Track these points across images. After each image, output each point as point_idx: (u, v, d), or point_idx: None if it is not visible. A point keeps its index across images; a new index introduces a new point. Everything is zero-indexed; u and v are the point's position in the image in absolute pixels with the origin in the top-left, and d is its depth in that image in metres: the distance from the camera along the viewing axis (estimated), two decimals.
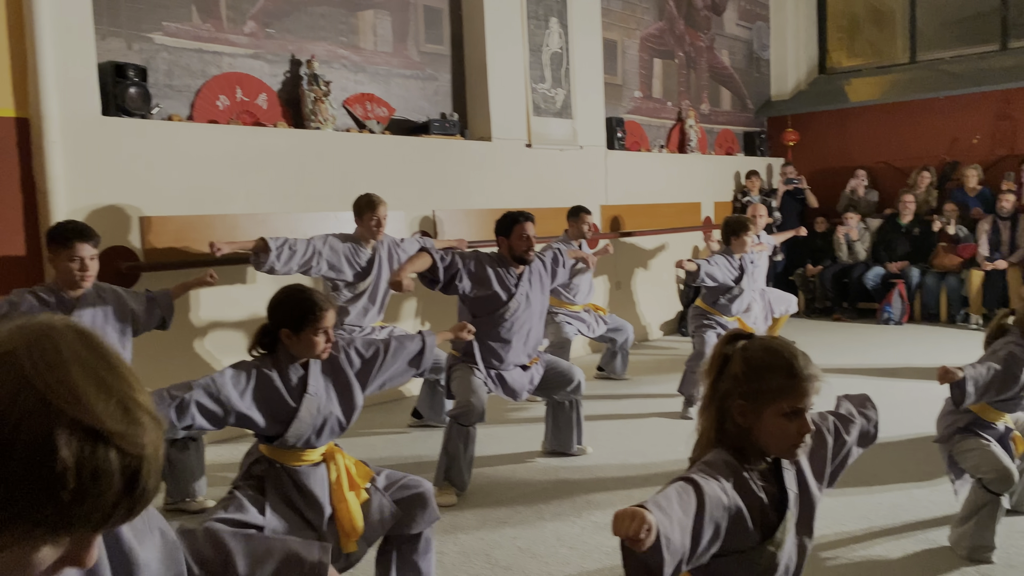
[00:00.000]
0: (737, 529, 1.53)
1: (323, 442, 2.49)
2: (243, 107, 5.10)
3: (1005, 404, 2.95)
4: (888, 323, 8.07)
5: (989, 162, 8.59)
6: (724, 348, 1.67)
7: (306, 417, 2.41)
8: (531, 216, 3.92)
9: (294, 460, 2.45)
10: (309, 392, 2.43)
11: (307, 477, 2.44)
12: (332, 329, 2.44)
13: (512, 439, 4.56)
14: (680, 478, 1.50)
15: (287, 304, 2.41)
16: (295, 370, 2.46)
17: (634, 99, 8.20)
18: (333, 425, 2.49)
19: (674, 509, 1.39)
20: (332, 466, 2.49)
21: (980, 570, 2.78)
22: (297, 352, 2.44)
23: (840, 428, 1.87)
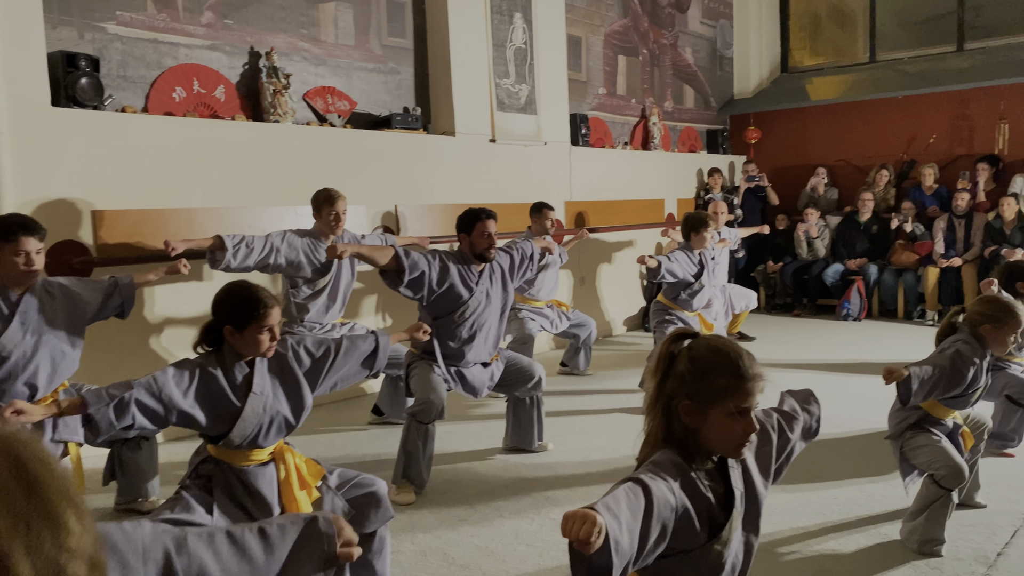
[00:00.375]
0: (684, 529, 1.52)
1: (271, 441, 2.45)
2: (200, 99, 5.00)
3: (954, 401, 3.00)
4: (847, 319, 8.19)
5: (946, 161, 8.75)
6: (670, 347, 1.67)
7: (251, 416, 2.37)
8: (493, 214, 3.89)
9: (242, 460, 2.41)
10: (254, 391, 2.39)
11: (255, 477, 2.41)
12: (278, 327, 2.40)
13: (473, 436, 4.54)
14: (628, 479, 1.49)
15: (230, 301, 2.37)
16: (240, 368, 2.41)
17: (598, 96, 8.21)
18: (280, 424, 2.45)
19: (623, 511, 1.38)
20: (281, 465, 2.45)
21: (930, 563, 2.83)
22: (241, 350, 2.40)
23: (784, 425, 1.88)
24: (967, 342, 2.98)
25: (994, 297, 3.11)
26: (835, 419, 4.59)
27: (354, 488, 2.54)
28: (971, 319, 3.05)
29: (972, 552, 2.90)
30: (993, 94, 8.45)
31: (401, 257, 3.62)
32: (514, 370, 4.10)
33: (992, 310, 3.00)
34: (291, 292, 4.40)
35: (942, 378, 2.86)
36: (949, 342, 3.02)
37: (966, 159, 8.59)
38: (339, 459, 4.18)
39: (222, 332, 2.40)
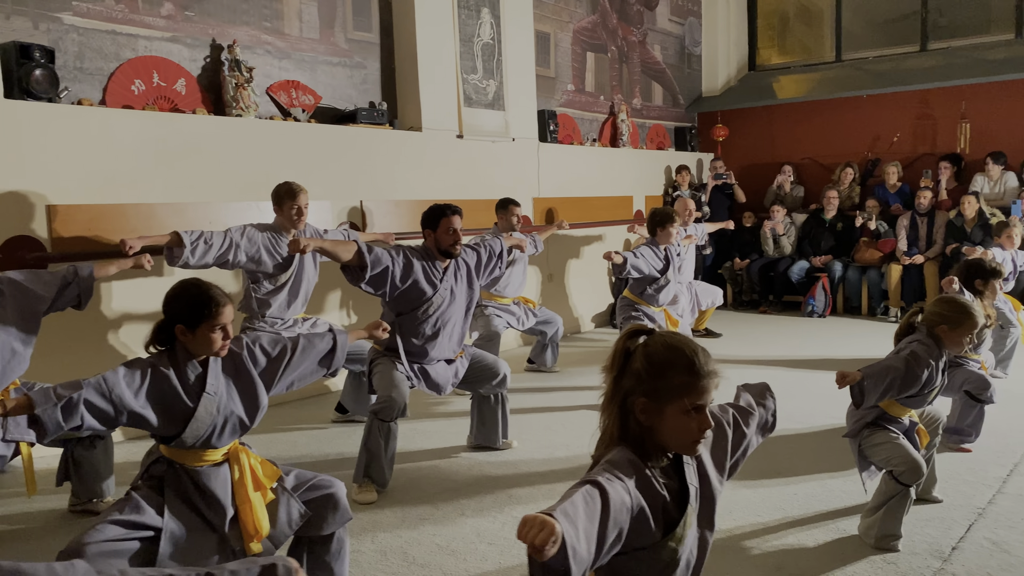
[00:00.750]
0: (639, 528, 1.52)
1: (225, 442, 2.41)
2: (160, 92, 4.91)
3: (910, 401, 3.03)
4: (812, 315, 8.27)
5: (909, 160, 8.87)
6: (625, 344, 1.66)
7: (204, 417, 2.33)
8: (458, 209, 3.86)
9: (195, 460, 2.37)
10: (208, 391, 2.35)
11: (208, 477, 2.36)
12: (231, 326, 2.36)
13: (437, 434, 4.51)
14: (585, 481, 1.47)
15: (182, 299, 2.33)
16: (193, 368, 2.37)
17: (567, 92, 8.20)
18: (235, 425, 2.41)
19: (580, 517, 1.36)
20: (235, 466, 2.41)
21: (886, 558, 2.85)
22: (194, 349, 2.36)
23: (740, 421, 1.88)
24: (923, 343, 3.02)
25: (951, 298, 3.14)
26: (798, 415, 4.64)
27: (311, 490, 2.50)
28: (928, 319, 3.08)
29: (928, 546, 2.93)
30: (955, 94, 8.58)
31: (364, 252, 3.57)
32: (479, 367, 4.08)
33: (949, 311, 3.04)
34: (252, 288, 4.34)
35: (896, 380, 2.89)
36: (906, 343, 3.06)
37: (929, 158, 8.71)
38: (301, 458, 4.14)
39: (174, 331, 2.35)
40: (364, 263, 3.57)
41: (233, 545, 2.35)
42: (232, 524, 2.38)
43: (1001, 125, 8.36)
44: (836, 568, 2.79)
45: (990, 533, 3.03)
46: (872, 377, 2.87)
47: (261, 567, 1.43)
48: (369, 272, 3.58)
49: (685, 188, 8.92)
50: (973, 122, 8.47)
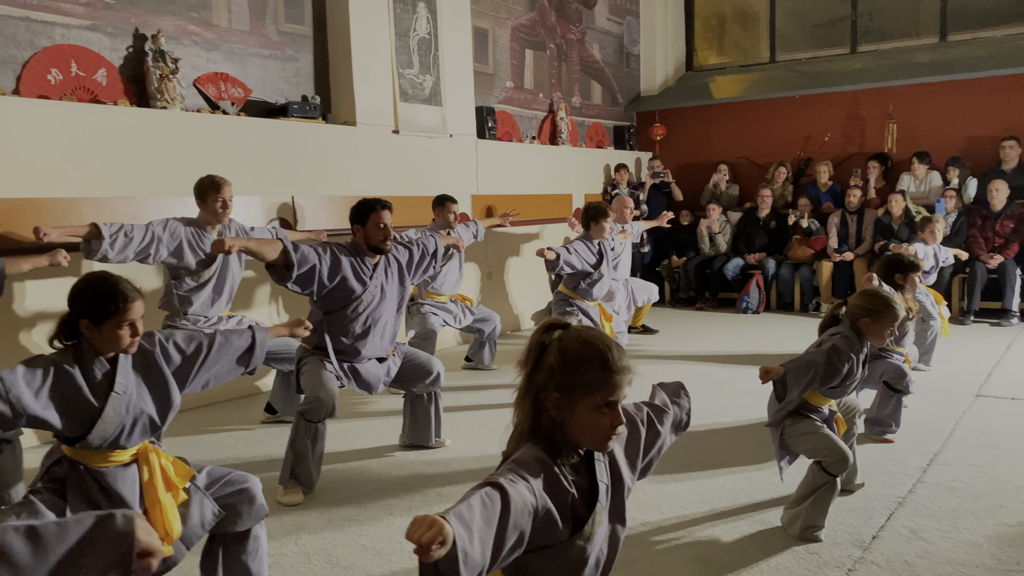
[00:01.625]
0: (545, 528, 1.49)
1: (134, 442, 2.30)
2: (79, 82, 4.73)
3: (831, 391, 3.08)
4: (746, 312, 8.41)
5: (839, 159, 9.08)
6: (540, 338, 1.63)
7: (112, 417, 2.22)
8: (388, 204, 3.78)
9: (100, 461, 2.26)
10: (116, 391, 2.24)
11: (114, 479, 2.26)
12: (140, 322, 2.26)
13: (369, 433, 4.44)
14: (487, 482, 1.44)
15: (87, 293, 2.22)
16: (100, 366, 2.26)
17: (505, 89, 8.18)
18: (145, 425, 2.31)
19: (476, 520, 1.33)
20: (145, 466, 2.31)
21: (809, 548, 2.89)
22: (100, 346, 2.24)
23: (654, 419, 1.88)
24: (845, 336, 3.07)
25: (873, 291, 3.20)
26: (729, 409, 4.70)
27: (225, 486, 2.42)
28: (851, 312, 3.13)
29: (849, 536, 2.98)
30: (883, 95, 8.82)
31: (289, 251, 3.47)
32: (411, 365, 4.02)
33: (870, 304, 3.09)
34: (173, 284, 4.20)
35: (817, 373, 2.94)
36: (828, 335, 3.10)
37: (858, 157, 8.94)
38: (228, 460, 4.03)
39: (79, 327, 2.24)
40: (290, 262, 3.47)
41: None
42: None
43: (926, 126, 8.62)
44: (760, 560, 2.81)
45: (909, 522, 3.10)
46: (794, 371, 2.91)
47: (96, 518, 1.33)
48: (296, 271, 3.49)
49: (624, 186, 8.98)
50: (900, 123, 8.71)
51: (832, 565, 2.75)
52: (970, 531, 3.00)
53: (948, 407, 4.65)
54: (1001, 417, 4.43)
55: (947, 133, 8.51)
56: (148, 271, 4.66)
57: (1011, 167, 7.90)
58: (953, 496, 3.34)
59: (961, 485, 3.45)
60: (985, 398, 4.85)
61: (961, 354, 6.06)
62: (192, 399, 4.95)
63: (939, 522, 3.08)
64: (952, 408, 4.63)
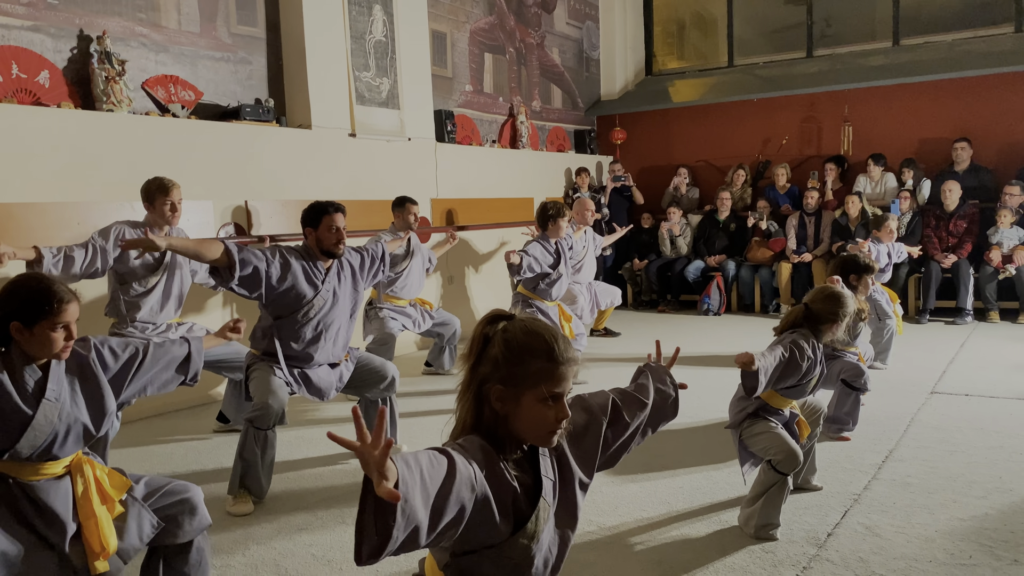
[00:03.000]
0: (483, 521, 1.44)
1: (67, 452, 2.20)
2: (20, 84, 4.59)
3: (791, 391, 3.08)
4: (708, 314, 8.45)
5: (797, 161, 9.18)
6: (484, 329, 1.58)
7: (43, 425, 2.12)
8: (341, 207, 3.69)
9: (31, 474, 2.15)
10: (48, 397, 2.14)
11: (46, 493, 2.15)
12: (74, 325, 2.16)
13: (323, 441, 4.34)
14: (434, 448, 1.39)
15: (19, 294, 2.10)
16: (31, 372, 2.15)
17: (465, 93, 8.14)
18: (79, 434, 2.21)
19: (421, 473, 1.29)
20: (79, 478, 2.21)
21: (765, 547, 2.87)
22: (32, 350, 2.14)
23: (621, 410, 1.81)
24: (802, 334, 3.07)
25: (825, 289, 3.20)
26: (688, 410, 4.65)
27: (165, 496, 2.33)
28: (814, 316, 3.13)
29: (805, 534, 2.97)
30: (839, 98, 8.93)
31: (231, 251, 3.36)
32: (365, 371, 3.94)
33: (823, 301, 3.10)
34: (119, 289, 4.07)
35: (780, 366, 2.93)
36: (787, 335, 3.10)
37: (815, 159, 9.04)
38: (179, 470, 3.92)
39: (9, 330, 2.13)
40: (232, 261, 3.36)
41: (75, 563, 2.15)
42: (74, 541, 2.17)
43: (881, 128, 8.75)
44: (716, 559, 2.79)
45: (864, 518, 3.10)
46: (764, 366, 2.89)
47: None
48: (238, 272, 3.38)
49: (585, 190, 8.98)
50: (855, 125, 8.83)
51: (787, 563, 2.74)
52: (924, 526, 3.00)
53: (904, 404, 4.69)
54: (955, 413, 4.47)
55: (901, 135, 8.65)
56: None
57: (963, 168, 8.04)
58: (907, 492, 3.35)
59: (915, 481, 3.47)
60: (940, 395, 4.90)
61: (917, 352, 6.13)
62: (142, 409, 4.82)
63: (893, 518, 3.09)
64: (908, 405, 4.67)
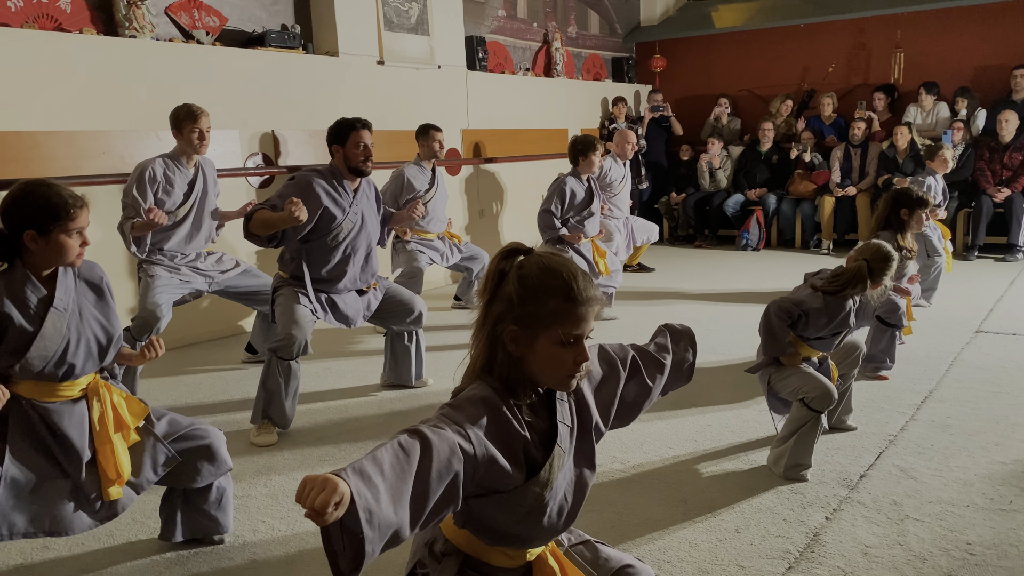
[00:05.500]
0: (493, 475, 1.35)
1: (81, 371, 2.15)
2: (41, 9, 4.50)
3: (818, 343, 2.97)
4: (746, 249, 8.24)
5: (843, 91, 8.79)
6: (500, 264, 1.45)
7: (51, 334, 2.05)
8: (368, 123, 3.56)
9: (47, 395, 2.12)
10: (56, 307, 2.07)
11: (60, 416, 2.12)
12: (86, 231, 2.09)
13: (350, 373, 4.34)
14: (405, 430, 1.29)
15: (29, 202, 2.00)
16: (33, 288, 2.07)
17: (497, 18, 7.87)
18: (90, 348, 2.15)
19: (385, 473, 1.18)
20: (95, 402, 2.17)
21: (794, 488, 2.79)
22: (44, 260, 2.06)
23: (640, 367, 1.69)
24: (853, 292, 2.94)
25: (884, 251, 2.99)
26: (720, 347, 4.58)
27: (184, 439, 2.30)
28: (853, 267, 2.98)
29: (836, 475, 2.87)
30: (890, 22, 8.47)
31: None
32: (393, 302, 3.87)
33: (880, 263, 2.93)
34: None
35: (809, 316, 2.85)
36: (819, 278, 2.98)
37: (863, 88, 8.65)
38: (206, 400, 3.94)
39: (16, 243, 2.04)
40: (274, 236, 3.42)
41: (88, 491, 2.15)
42: (89, 468, 2.16)
43: (935, 55, 8.30)
44: (743, 499, 2.71)
45: (899, 460, 2.99)
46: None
47: None
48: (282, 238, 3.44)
49: (622, 120, 8.71)
50: (907, 52, 8.39)
51: (816, 505, 2.65)
52: (962, 469, 2.89)
53: (946, 343, 4.52)
54: (1001, 353, 4.30)
55: (956, 62, 8.20)
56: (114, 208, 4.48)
57: (1022, 96, 7.61)
58: (946, 434, 3.22)
59: (955, 423, 3.34)
60: (985, 334, 4.71)
61: (963, 289, 5.91)
62: (172, 339, 4.84)
63: (930, 460, 2.97)
64: (951, 344, 4.50)
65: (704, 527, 2.54)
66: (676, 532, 2.51)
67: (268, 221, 3.33)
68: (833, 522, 2.54)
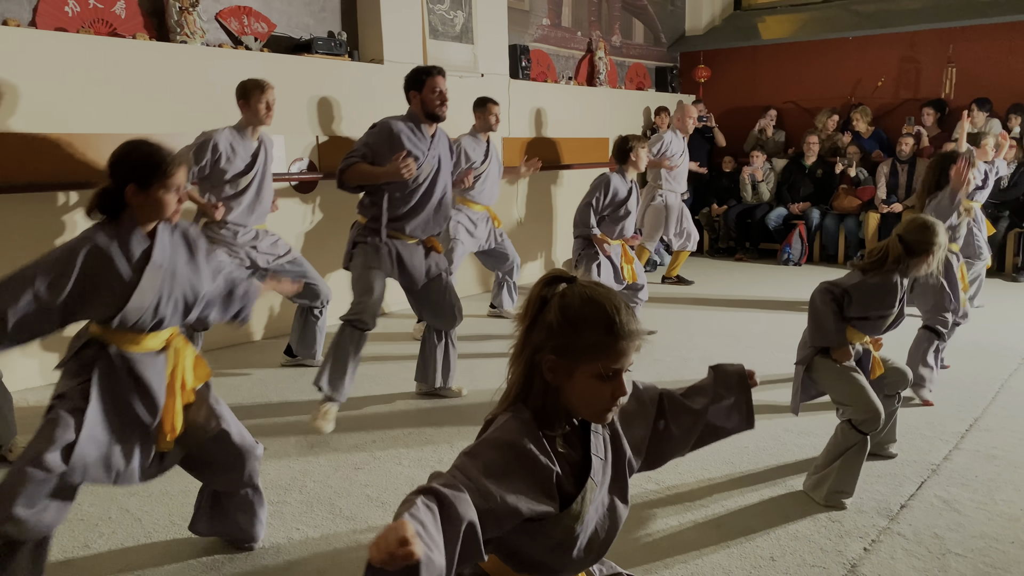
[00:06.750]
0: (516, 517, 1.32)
1: (168, 323, 2.24)
2: (97, 15, 4.61)
3: (864, 325, 2.95)
4: (788, 264, 8.13)
5: (892, 105, 8.63)
6: (542, 291, 1.44)
7: (148, 288, 2.15)
8: (443, 70, 3.74)
9: (132, 344, 2.20)
10: (154, 261, 2.17)
11: (144, 366, 2.21)
12: (184, 189, 2.19)
13: (386, 380, 4.36)
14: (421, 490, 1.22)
15: (133, 157, 2.12)
16: (139, 240, 2.17)
17: (541, 27, 7.87)
18: (178, 304, 2.24)
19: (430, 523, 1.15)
20: (171, 355, 2.26)
21: (831, 516, 2.74)
22: (144, 214, 2.16)
23: (667, 414, 1.65)
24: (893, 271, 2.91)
25: (920, 220, 2.96)
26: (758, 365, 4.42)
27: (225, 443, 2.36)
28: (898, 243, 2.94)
29: (876, 504, 2.82)
30: (943, 36, 8.31)
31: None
32: (440, 297, 3.88)
33: (915, 233, 2.90)
34: (212, 190, 4.10)
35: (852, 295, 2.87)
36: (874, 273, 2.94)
37: (912, 103, 8.48)
38: (245, 402, 3.99)
39: (121, 198, 2.14)
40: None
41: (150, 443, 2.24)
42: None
43: (988, 70, 8.11)
44: (778, 526, 2.67)
45: (942, 491, 2.92)
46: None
47: None
48: None
49: (664, 130, 8.64)
50: (959, 66, 8.22)
51: (855, 535, 2.60)
52: (1008, 503, 2.81)
53: (993, 369, 4.41)
54: None
55: (1010, 78, 8.00)
56: None
57: None
58: (992, 465, 3.14)
59: (1001, 453, 3.25)
60: None
61: (1011, 313, 5.76)
62: (212, 340, 4.92)
63: (974, 492, 2.90)
64: (997, 370, 4.39)
65: (738, 553, 2.51)
66: (709, 557, 2.48)
67: (370, 174, 3.57)
68: (872, 554, 2.49)
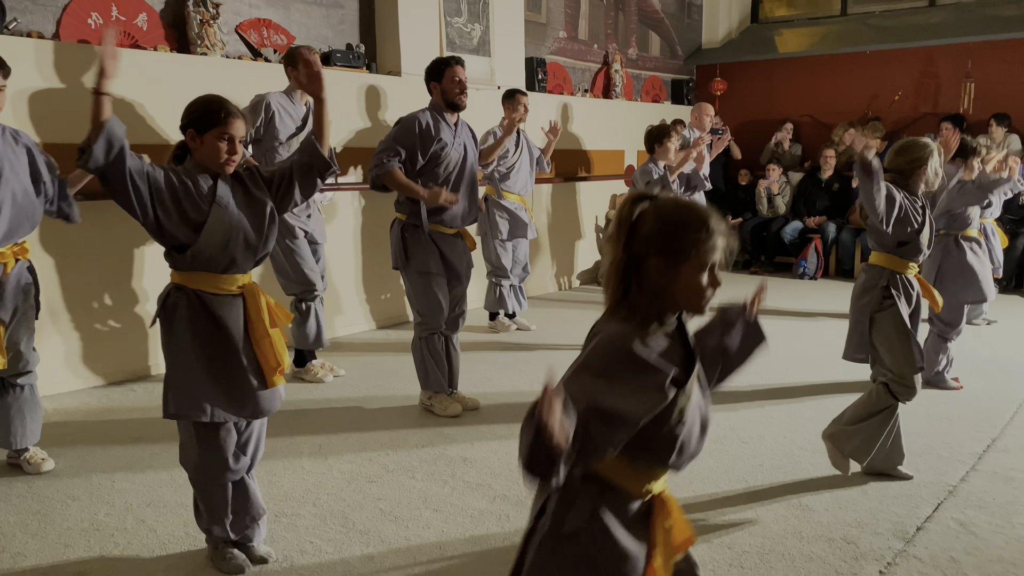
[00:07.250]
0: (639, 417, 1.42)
1: (240, 265, 2.39)
2: (119, 26, 4.67)
3: (906, 250, 3.12)
4: (803, 277, 8.10)
5: (909, 119, 8.59)
6: (632, 207, 1.53)
7: (215, 225, 2.30)
8: (462, 60, 3.87)
9: (211, 286, 2.36)
10: (219, 202, 2.33)
11: (222, 308, 2.36)
12: (239, 144, 2.34)
13: (400, 390, 4.37)
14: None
15: (196, 106, 2.34)
16: (205, 179, 2.35)
17: (558, 39, 7.90)
18: (245, 240, 2.37)
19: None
20: (251, 301, 2.41)
21: (847, 536, 2.72)
22: (201, 158, 2.34)
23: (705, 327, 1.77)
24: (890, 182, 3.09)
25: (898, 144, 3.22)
26: (773, 380, 4.50)
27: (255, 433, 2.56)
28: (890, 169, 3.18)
29: (891, 526, 2.80)
30: (962, 51, 8.27)
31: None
32: (456, 299, 3.99)
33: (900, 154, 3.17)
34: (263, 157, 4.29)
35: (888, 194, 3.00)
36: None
37: (930, 117, 8.44)
38: None
39: (186, 137, 2.35)
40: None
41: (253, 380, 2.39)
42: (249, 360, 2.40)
43: (1008, 85, 8.06)
44: (793, 547, 2.66)
45: (959, 513, 2.90)
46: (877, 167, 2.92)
47: None
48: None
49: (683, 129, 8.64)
50: (978, 82, 8.17)
51: (870, 557, 2.58)
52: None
53: (1011, 387, 4.37)
54: None
55: None
56: None
57: None
58: (1010, 487, 3.11)
59: (1019, 475, 3.22)
60: None
61: None
62: None
63: (992, 516, 2.87)
64: (1015, 389, 4.35)
65: (752, 574, 2.49)
66: None
67: (408, 188, 3.72)
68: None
